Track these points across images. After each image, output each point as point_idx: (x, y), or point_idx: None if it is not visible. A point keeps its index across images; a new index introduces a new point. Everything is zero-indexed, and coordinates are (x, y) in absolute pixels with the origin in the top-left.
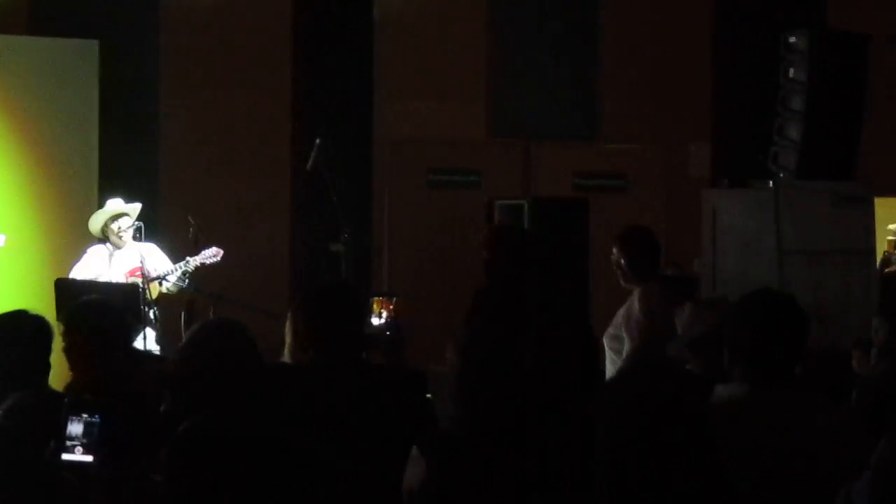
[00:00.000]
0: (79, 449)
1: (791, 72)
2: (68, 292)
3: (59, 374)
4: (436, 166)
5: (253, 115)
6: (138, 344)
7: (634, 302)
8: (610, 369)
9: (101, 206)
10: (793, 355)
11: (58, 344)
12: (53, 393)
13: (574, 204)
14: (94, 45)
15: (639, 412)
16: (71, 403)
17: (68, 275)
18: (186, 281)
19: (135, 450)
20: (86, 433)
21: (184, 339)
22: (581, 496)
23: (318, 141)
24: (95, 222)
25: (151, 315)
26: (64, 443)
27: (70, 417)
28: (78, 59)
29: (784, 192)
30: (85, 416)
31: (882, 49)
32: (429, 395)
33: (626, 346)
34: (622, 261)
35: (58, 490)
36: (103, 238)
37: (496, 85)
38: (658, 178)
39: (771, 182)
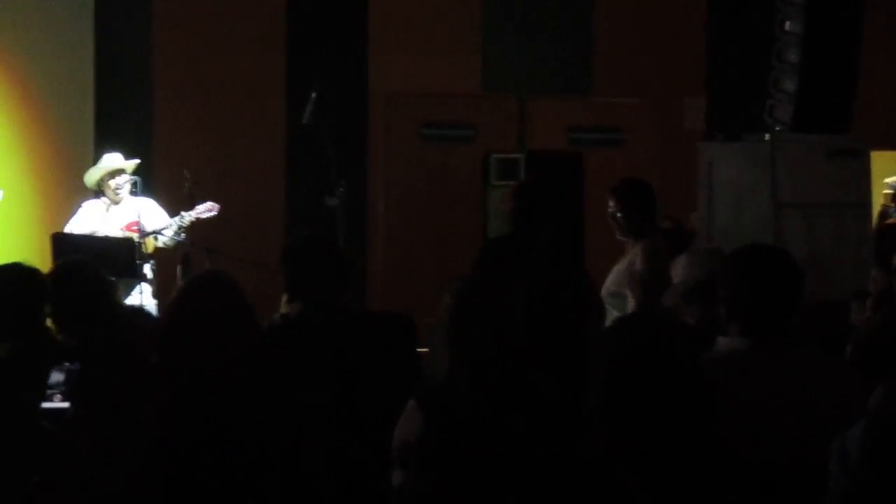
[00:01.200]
0: (58, 396)
1: (786, 24)
2: (65, 246)
3: None
4: (430, 120)
5: (247, 69)
6: (134, 298)
7: (637, 259)
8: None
9: (96, 160)
10: (787, 308)
11: None
12: (42, 343)
13: (569, 158)
14: None
15: (632, 364)
16: (53, 351)
17: (64, 229)
18: (182, 235)
19: (117, 400)
20: (66, 380)
21: (174, 294)
22: (575, 444)
23: (312, 95)
24: (91, 177)
25: (147, 270)
26: (44, 391)
27: (53, 366)
28: (72, 13)
29: (779, 145)
30: (66, 364)
31: (878, 1)
32: (423, 350)
33: (630, 304)
34: (618, 214)
35: (35, 438)
36: (99, 192)
37: (490, 38)
38: (653, 132)
39: (766, 135)
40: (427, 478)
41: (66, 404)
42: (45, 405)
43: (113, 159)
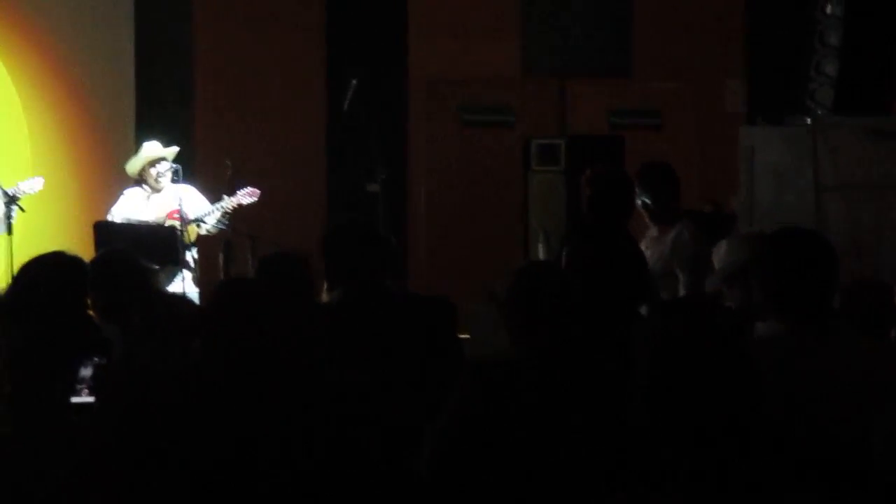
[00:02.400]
0: (85, 391)
1: (828, 7)
2: (107, 234)
3: None
4: (470, 105)
5: (288, 56)
6: (176, 286)
7: (683, 237)
8: None
9: (137, 148)
10: (823, 291)
11: None
12: (73, 337)
13: (610, 142)
14: None
15: (682, 346)
16: (83, 347)
17: (105, 217)
18: (224, 223)
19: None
20: (93, 375)
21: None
22: (623, 422)
23: (353, 81)
24: (133, 166)
25: (189, 257)
26: (73, 385)
27: (83, 361)
28: (113, 1)
29: (821, 128)
30: (95, 358)
31: None
32: (465, 336)
33: (684, 279)
34: (647, 200)
35: (64, 433)
36: (140, 181)
37: (530, 22)
38: (693, 116)
39: (808, 118)
40: (480, 456)
41: (92, 399)
42: (74, 400)
43: (153, 148)
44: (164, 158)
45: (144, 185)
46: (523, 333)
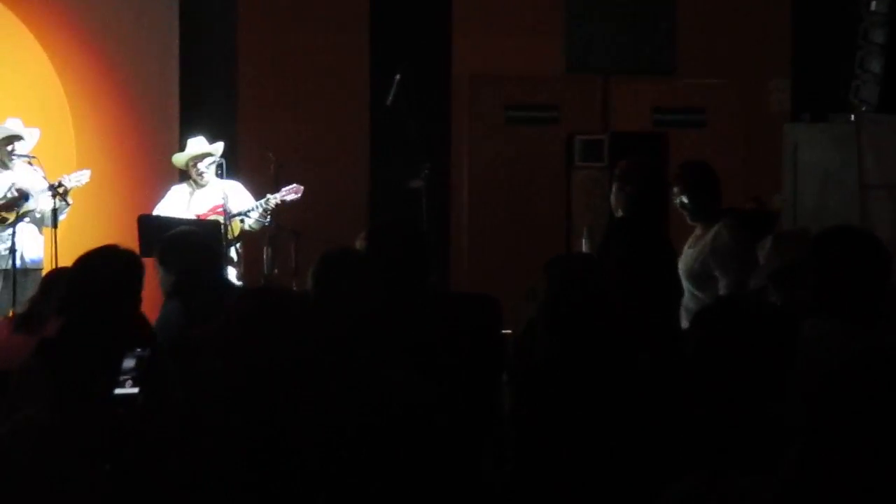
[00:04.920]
0: (129, 382)
1: (872, 4)
2: (151, 228)
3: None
4: (513, 102)
5: (332, 51)
6: None
7: (722, 237)
8: (691, 307)
9: (182, 143)
10: (876, 290)
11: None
12: (118, 329)
13: (653, 139)
14: None
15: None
16: (129, 338)
17: (151, 212)
18: (268, 219)
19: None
20: (136, 366)
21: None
22: (665, 426)
23: (396, 77)
24: (178, 161)
25: (233, 253)
26: (117, 377)
27: (126, 352)
28: None
29: (865, 125)
30: (138, 349)
31: None
32: (508, 331)
33: (723, 283)
34: (685, 199)
35: (108, 425)
36: (186, 175)
37: (574, 19)
38: (737, 113)
39: (852, 116)
40: (517, 455)
41: (135, 390)
42: (118, 391)
43: (197, 144)
44: (208, 154)
45: (189, 181)
46: (556, 330)
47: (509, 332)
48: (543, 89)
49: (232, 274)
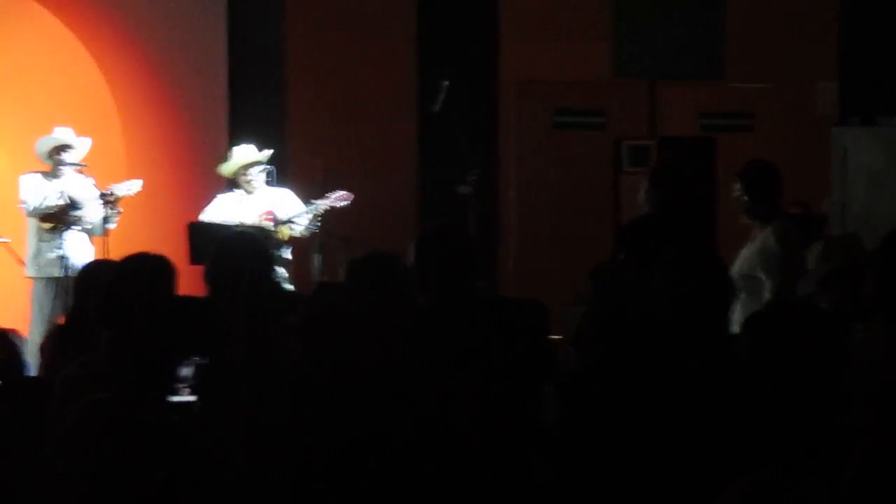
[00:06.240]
0: (186, 390)
1: None
2: (200, 235)
3: None
4: (560, 107)
5: (380, 58)
6: None
7: (770, 240)
8: (740, 311)
9: (230, 149)
10: None
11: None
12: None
13: (701, 143)
14: None
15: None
16: (183, 346)
17: (199, 218)
18: (317, 225)
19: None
20: (195, 374)
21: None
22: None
23: (444, 83)
24: (227, 169)
25: (282, 258)
26: (172, 384)
27: (181, 360)
28: (206, 4)
29: None
30: (196, 358)
31: None
32: (556, 337)
33: (768, 286)
34: (744, 197)
35: (162, 433)
36: (234, 184)
37: (621, 24)
38: (785, 117)
39: None
40: (564, 463)
41: (193, 398)
42: (174, 399)
43: (245, 152)
44: (257, 162)
45: (238, 189)
46: (602, 338)
47: (558, 337)
48: (591, 94)
49: (283, 277)
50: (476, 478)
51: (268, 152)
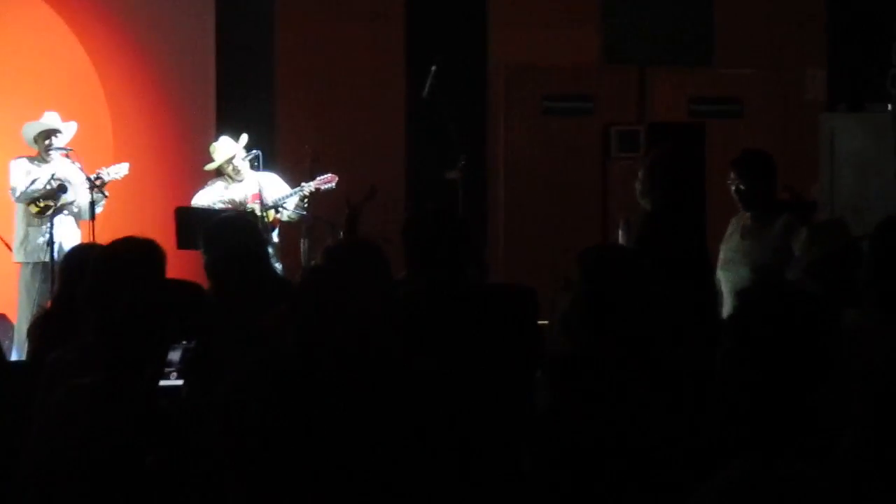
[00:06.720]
0: (174, 374)
1: None
2: (188, 219)
3: None
4: (550, 92)
5: (368, 43)
6: None
7: (792, 236)
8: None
9: (218, 135)
10: None
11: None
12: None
13: (690, 130)
14: None
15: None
16: (174, 330)
17: (187, 204)
18: (304, 210)
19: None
20: (182, 358)
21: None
22: (701, 419)
23: (433, 68)
24: (213, 168)
25: (270, 242)
26: (162, 369)
27: (171, 344)
28: None
29: None
30: (184, 342)
31: None
32: (544, 322)
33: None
34: (742, 186)
35: (151, 417)
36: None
37: (610, 10)
38: (774, 103)
39: (889, 105)
40: (555, 450)
41: (180, 382)
42: (162, 383)
43: (224, 147)
44: (240, 150)
45: (224, 177)
46: (588, 322)
47: (546, 322)
48: (580, 80)
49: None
50: (464, 465)
51: (243, 139)
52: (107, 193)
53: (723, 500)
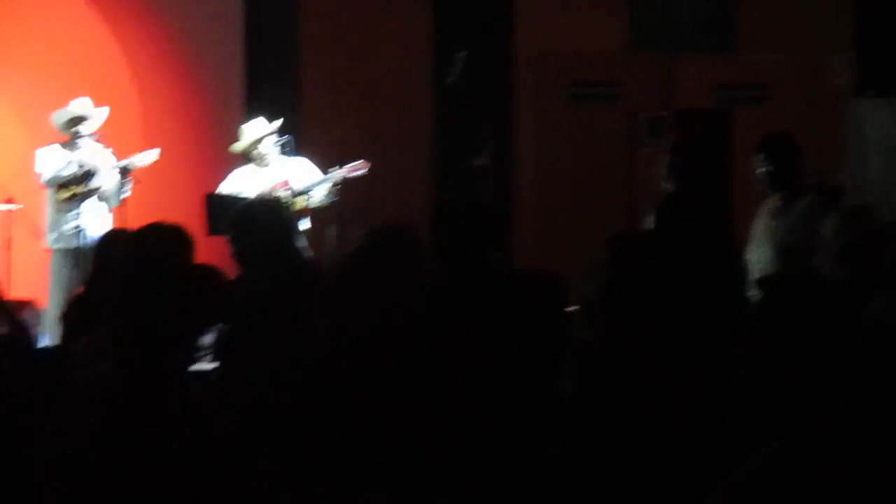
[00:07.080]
0: (207, 358)
1: None
2: (218, 206)
3: None
4: (576, 79)
5: (395, 29)
6: None
7: (815, 216)
8: None
9: (247, 120)
10: None
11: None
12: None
13: (716, 115)
14: None
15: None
16: (207, 314)
17: (216, 191)
18: (333, 196)
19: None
20: (216, 341)
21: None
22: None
23: (460, 54)
24: (239, 148)
25: (299, 229)
26: (191, 353)
27: (203, 328)
28: None
29: None
30: (219, 325)
31: None
32: (571, 309)
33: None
34: (769, 168)
35: (178, 402)
36: (248, 160)
37: None
38: (800, 89)
39: None
40: (580, 437)
41: (212, 365)
42: (196, 367)
43: (255, 127)
44: (270, 134)
45: (252, 163)
46: (613, 309)
47: (572, 309)
48: (607, 67)
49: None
50: (491, 452)
51: (277, 123)
52: (132, 179)
53: (756, 482)
